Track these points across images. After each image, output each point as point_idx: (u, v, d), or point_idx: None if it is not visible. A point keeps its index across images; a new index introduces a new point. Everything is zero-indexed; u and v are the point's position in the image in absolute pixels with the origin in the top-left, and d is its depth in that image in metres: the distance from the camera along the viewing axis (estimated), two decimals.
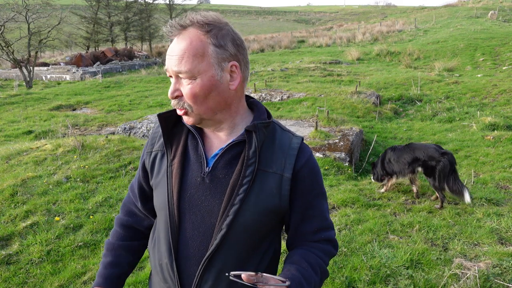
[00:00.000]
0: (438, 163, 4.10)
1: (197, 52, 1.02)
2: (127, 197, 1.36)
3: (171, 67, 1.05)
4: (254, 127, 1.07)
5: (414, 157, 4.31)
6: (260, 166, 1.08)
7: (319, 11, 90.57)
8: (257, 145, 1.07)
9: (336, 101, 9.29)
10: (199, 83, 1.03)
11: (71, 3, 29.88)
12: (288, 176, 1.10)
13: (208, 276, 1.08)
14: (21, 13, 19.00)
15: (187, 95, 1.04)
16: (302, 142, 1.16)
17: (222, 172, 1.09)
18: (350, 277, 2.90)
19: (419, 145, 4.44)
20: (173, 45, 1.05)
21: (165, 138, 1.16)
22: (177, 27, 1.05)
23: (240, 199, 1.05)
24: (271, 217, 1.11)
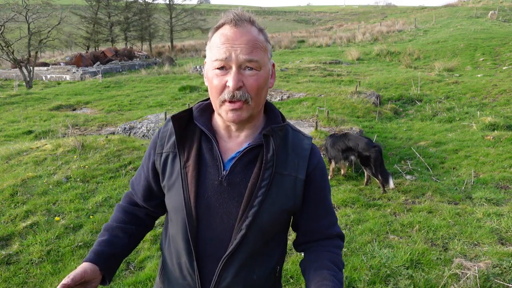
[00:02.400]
0: (371, 154, 4.73)
1: (262, 46, 1.07)
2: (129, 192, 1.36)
3: (237, 54, 1.02)
4: (271, 132, 1.10)
5: (347, 146, 4.93)
6: (276, 169, 1.11)
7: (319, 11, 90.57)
8: (274, 149, 1.10)
9: (336, 101, 9.29)
10: (262, 74, 1.07)
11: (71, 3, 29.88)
12: (302, 177, 1.15)
13: (227, 274, 1.11)
14: (21, 13, 18.99)
15: (251, 86, 1.05)
16: (312, 143, 1.21)
17: (240, 175, 1.11)
18: (350, 277, 2.90)
19: (353, 137, 5.08)
20: (234, 33, 1.04)
21: (178, 139, 1.15)
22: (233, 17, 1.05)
23: (259, 201, 1.08)
24: (285, 216, 1.17)
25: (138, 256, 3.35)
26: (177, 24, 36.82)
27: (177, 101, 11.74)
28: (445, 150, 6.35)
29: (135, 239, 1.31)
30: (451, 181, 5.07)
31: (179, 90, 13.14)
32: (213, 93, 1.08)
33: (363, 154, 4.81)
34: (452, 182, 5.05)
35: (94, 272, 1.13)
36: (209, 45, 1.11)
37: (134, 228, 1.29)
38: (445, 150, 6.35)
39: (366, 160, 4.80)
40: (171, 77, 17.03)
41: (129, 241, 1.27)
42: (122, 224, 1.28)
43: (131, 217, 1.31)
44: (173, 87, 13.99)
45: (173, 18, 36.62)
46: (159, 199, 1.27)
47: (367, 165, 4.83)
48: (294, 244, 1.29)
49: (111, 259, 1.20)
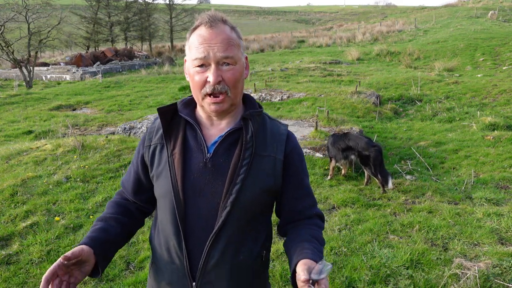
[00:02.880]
0: (371, 154, 4.73)
1: (236, 43, 1.18)
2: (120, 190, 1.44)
3: (214, 53, 1.14)
4: (249, 115, 1.22)
5: (347, 145, 4.95)
6: (256, 150, 1.21)
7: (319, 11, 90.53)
8: (253, 131, 1.21)
9: (336, 101, 9.29)
10: (238, 68, 1.19)
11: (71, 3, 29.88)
12: (280, 158, 1.25)
13: (215, 252, 1.18)
14: (21, 13, 18.99)
15: (229, 79, 1.17)
16: (288, 130, 1.33)
17: (222, 157, 1.20)
18: (350, 277, 2.90)
19: (354, 136, 5.10)
20: (210, 34, 1.15)
21: (165, 130, 1.25)
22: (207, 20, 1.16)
23: (241, 179, 1.17)
24: (266, 196, 1.24)
25: (138, 256, 3.35)
26: (177, 24, 36.82)
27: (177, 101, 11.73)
28: (445, 150, 6.35)
29: (128, 231, 1.34)
30: (451, 181, 5.07)
31: (179, 90, 13.14)
32: (195, 88, 1.19)
33: (363, 154, 4.82)
34: (452, 182, 5.05)
35: (89, 254, 1.15)
36: (188, 45, 1.21)
37: (126, 220, 1.33)
38: (445, 150, 6.35)
39: (366, 160, 4.80)
40: (171, 77, 17.03)
41: (122, 231, 1.30)
42: (114, 215, 1.32)
43: (123, 210, 1.36)
44: (173, 87, 13.99)
45: (173, 18, 36.62)
46: (149, 193, 1.33)
47: (366, 165, 4.83)
48: (277, 229, 1.37)
49: (105, 245, 1.22)
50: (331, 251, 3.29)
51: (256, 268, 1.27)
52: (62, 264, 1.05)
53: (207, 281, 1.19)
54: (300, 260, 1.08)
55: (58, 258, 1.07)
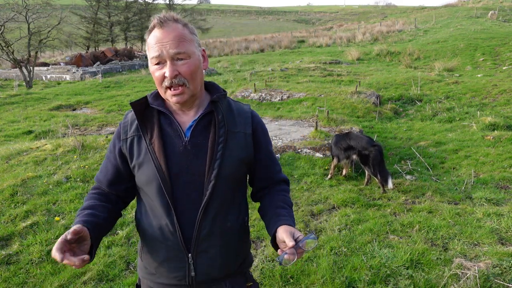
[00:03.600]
0: (370, 153, 4.75)
1: (187, 38, 1.28)
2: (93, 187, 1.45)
3: (167, 50, 1.23)
4: (217, 98, 1.35)
5: (349, 145, 4.98)
6: (228, 128, 1.34)
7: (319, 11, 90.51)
8: (223, 111, 1.34)
9: (336, 101, 9.29)
10: (193, 61, 1.28)
11: (71, 3, 29.87)
12: (249, 132, 1.40)
13: (206, 223, 1.30)
14: (21, 13, 18.99)
15: (185, 72, 1.26)
16: (250, 108, 1.48)
17: (199, 138, 1.32)
18: (350, 277, 2.90)
19: (355, 136, 5.13)
20: (161, 34, 1.25)
21: (140, 122, 1.34)
22: (159, 22, 1.25)
23: (220, 154, 1.30)
24: (243, 167, 1.39)
25: (137, 256, 3.34)
26: None
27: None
28: (445, 150, 6.35)
29: (113, 217, 1.38)
30: (451, 181, 5.07)
31: None
32: (157, 83, 1.30)
33: (363, 153, 4.82)
34: (452, 182, 5.05)
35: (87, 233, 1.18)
36: (146, 46, 1.32)
37: (110, 206, 1.38)
38: (445, 150, 6.35)
39: (365, 159, 4.80)
40: None
41: (108, 216, 1.34)
42: (99, 202, 1.36)
43: (105, 198, 1.40)
44: None
45: None
46: (127, 184, 1.40)
47: (366, 164, 4.83)
48: (251, 196, 1.54)
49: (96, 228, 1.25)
50: (331, 251, 3.29)
51: (241, 232, 1.43)
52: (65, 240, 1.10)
53: (201, 250, 1.32)
54: (280, 226, 1.25)
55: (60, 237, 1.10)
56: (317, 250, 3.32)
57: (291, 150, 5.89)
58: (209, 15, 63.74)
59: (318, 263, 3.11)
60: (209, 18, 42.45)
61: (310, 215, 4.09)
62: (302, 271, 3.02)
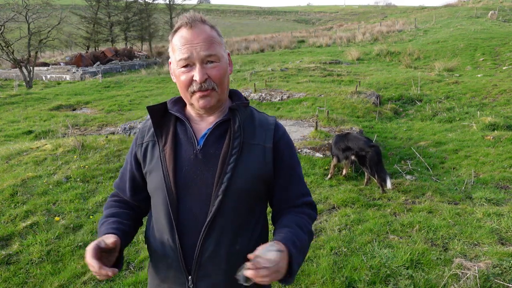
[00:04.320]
0: (367, 154, 4.75)
1: (217, 40, 1.21)
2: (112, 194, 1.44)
3: (198, 52, 1.16)
4: (236, 106, 1.25)
5: (347, 145, 4.98)
6: (244, 139, 1.23)
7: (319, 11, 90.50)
8: (240, 120, 1.23)
9: (336, 101, 9.29)
10: (222, 65, 1.21)
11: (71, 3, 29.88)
12: (269, 146, 1.26)
13: (209, 243, 1.17)
14: (21, 13, 18.99)
15: (215, 76, 1.19)
16: (276, 120, 1.35)
17: (212, 148, 1.22)
18: (350, 277, 2.90)
19: (353, 136, 5.11)
20: (191, 35, 1.17)
21: (155, 127, 1.27)
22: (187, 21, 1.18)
23: (232, 167, 1.18)
24: (259, 184, 1.25)
25: (138, 256, 3.34)
26: None
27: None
28: (445, 150, 6.35)
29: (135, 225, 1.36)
30: (451, 181, 5.07)
31: None
32: (182, 87, 1.21)
33: (360, 154, 4.83)
34: (452, 182, 5.05)
35: (118, 243, 1.15)
36: (171, 47, 1.24)
37: (131, 213, 1.35)
38: (445, 150, 6.34)
39: (363, 160, 4.81)
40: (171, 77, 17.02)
41: (133, 224, 1.33)
42: (120, 209, 1.34)
43: (125, 205, 1.37)
44: (173, 87, 13.99)
45: (173, 18, 36.60)
46: (145, 192, 1.33)
47: (363, 165, 4.84)
48: (271, 220, 1.37)
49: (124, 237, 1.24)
50: (331, 251, 3.29)
51: None
52: (99, 248, 1.09)
53: (203, 274, 1.18)
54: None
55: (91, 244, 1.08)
56: (317, 250, 3.32)
57: None
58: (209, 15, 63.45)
59: (318, 263, 3.11)
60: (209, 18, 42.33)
61: None
62: (302, 271, 3.02)
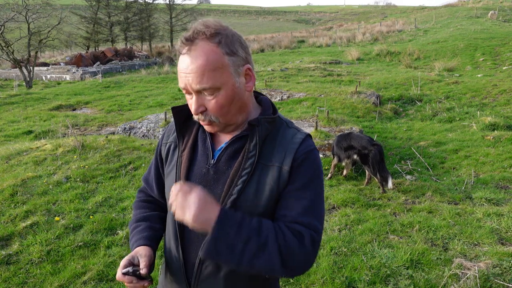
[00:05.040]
0: (370, 152, 4.74)
1: (217, 66, 1.03)
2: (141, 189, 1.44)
3: (190, 85, 1.04)
4: (257, 121, 1.10)
5: (349, 144, 4.96)
6: (260, 160, 1.10)
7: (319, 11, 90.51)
8: (258, 139, 1.09)
9: (336, 101, 9.29)
10: (224, 94, 1.06)
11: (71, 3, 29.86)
12: (287, 168, 1.10)
13: (208, 262, 1.13)
14: (21, 13, 18.98)
15: (213, 109, 1.07)
16: (306, 137, 1.16)
17: (225, 165, 1.14)
18: (350, 277, 2.90)
19: (356, 135, 5.11)
20: (185, 62, 1.04)
21: (178, 130, 1.23)
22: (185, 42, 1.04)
23: (238, 189, 1.08)
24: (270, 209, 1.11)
25: None
26: (177, 24, 36.81)
27: (177, 101, 11.75)
28: (445, 150, 6.35)
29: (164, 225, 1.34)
30: (451, 181, 5.07)
31: (179, 90, 13.13)
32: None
33: (362, 152, 4.82)
34: (452, 182, 5.05)
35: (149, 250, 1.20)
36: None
37: (161, 214, 1.35)
38: (445, 150, 6.34)
39: (365, 158, 4.80)
40: (171, 77, 17.02)
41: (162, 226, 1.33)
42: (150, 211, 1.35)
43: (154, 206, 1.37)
44: (173, 87, 13.99)
45: (173, 18, 36.61)
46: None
47: (366, 164, 4.83)
48: None
49: (156, 242, 1.27)
50: (331, 251, 3.29)
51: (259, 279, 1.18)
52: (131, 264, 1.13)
53: None
54: None
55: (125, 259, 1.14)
56: None
57: None
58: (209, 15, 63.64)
59: (318, 263, 3.11)
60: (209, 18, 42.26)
61: None
62: None
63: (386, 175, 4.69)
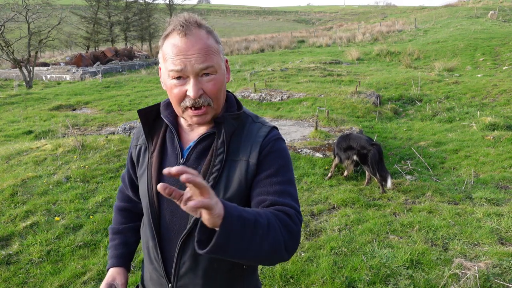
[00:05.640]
0: (369, 152, 4.76)
1: (214, 49, 1.09)
2: (120, 186, 1.49)
3: (192, 65, 1.05)
4: (222, 119, 1.13)
5: (349, 145, 4.99)
6: (228, 156, 1.13)
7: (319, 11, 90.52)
8: (225, 136, 1.12)
9: (336, 101, 9.29)
10: (219, 77, 1.11)
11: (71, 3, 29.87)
12: (253, 161, 1.12)
13: (185, 258, 1.15)
14: (21, 13, 18.99)
15: (211, 91, 1.09)
16: (271, 130, 1.19)
17: (195, 163, 1.15)
18: (350, 277, 2.90)
19: (355, 136, 5.16)
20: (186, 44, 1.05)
21: (146, 132, 1.23)
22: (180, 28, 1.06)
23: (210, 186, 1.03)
24: (240, 202, 1.11)
25: (138, 256, 3.34)
26: None
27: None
28: (445, 150, 6.35)
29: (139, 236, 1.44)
30: (451, 181, 5.07)
31: None
32: (174, 101, 1.12)
33: (361, 152, 4.83)
34: (452, 182, 5.05)
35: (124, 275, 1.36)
36: (161, 54, 1.13)
37: (138, 224, 1.43)
38: (445, 150, 6.35)
39: (364, 158, 4.81)
40: None
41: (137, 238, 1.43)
42: (126, 224, 1.44)
43: (131, 215, 1.45)
44: None
45: None
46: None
47: (365, 163, 4.83)
48: None
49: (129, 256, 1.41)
50: (331, 251, 3.29)
51: (237, 274, 1.20)
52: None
53: (182, 284, 1.18)
54: None
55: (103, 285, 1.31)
56: (317, 250, 3.32)
57: (291, 150, 5.89)
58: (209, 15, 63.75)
59: (318, 263, 3.11)
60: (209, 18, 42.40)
61: (310, 215, 4.09)
62: (302, 271, 3.02)
63: (386, 175, 4.69)
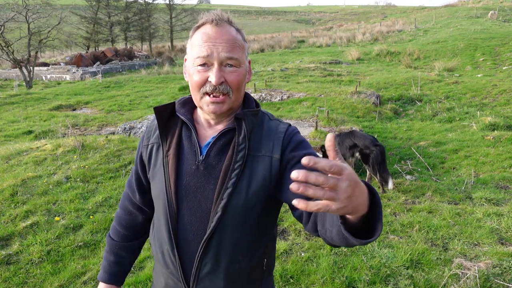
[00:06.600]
0: (371, 152, 4.73)
1: (241, 45, 1.13)
2: (125, 193, 1.42)
3: (219, 52, 1.08)
4: (243, 115, 1.14)
5: (353, 143, 4.97)
6: (250, 152, 1.13)
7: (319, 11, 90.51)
8: (246, 131, 1.12)
9: (336, 101, 9.29)
10: (242, 71, 1.13)
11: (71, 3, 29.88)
12: (277, 157, 1.13)
13: (207, 261, 1.13)
14: (21, 13, 18.98)
15: (232, 81, 1.11)
16: (289, 126, 1.21)
17: (215, 159, 1.14)
18: (350, 277, 2.90)
19: (359, 134, 5.10)
20: (216, 32, 1.09)
21: (161, 130, 1.20)
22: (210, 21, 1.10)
23: (233, 182, 1.09)
24: (264, 199, 1.13)
25: (138, 257, 3.35)
26: (177, 24, 36.83)
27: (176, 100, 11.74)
28: (445, 150, 6.35)
29: (138, 252, 1.47)
30: (451, 181, 5.07)
31: (179, 90, 13.14)
32: (194, 87, 1.13)
33: (364, 152, 4.82)
34: (452, 182, 5.05)
35: None
36: (190, 43, 1.16)
37: (136, 244, 1.43)
38: (445, 150, 6.35)
39: (366, 158, 4.80)
40: (171, 77, 17.03)
41: (133, 258, 1.45)
42: (124, 243, 1.41)
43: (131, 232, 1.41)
44: (173, 87, 13.99)
45: (173, 18, 36.62)
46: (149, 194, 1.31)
47: (366, 163, 4.83)
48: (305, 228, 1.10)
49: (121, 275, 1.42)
50: (331, 251, 3.29)
51: (256, 276, 1.20)
52: None
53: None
54: None
55: None
56: (317, 250, 3.32)
57: None
58: None
59: (318, 263, 3.11)
60: None
61: None
62: (302, 271, 3.03)
63: (387, 176, 4.68)
